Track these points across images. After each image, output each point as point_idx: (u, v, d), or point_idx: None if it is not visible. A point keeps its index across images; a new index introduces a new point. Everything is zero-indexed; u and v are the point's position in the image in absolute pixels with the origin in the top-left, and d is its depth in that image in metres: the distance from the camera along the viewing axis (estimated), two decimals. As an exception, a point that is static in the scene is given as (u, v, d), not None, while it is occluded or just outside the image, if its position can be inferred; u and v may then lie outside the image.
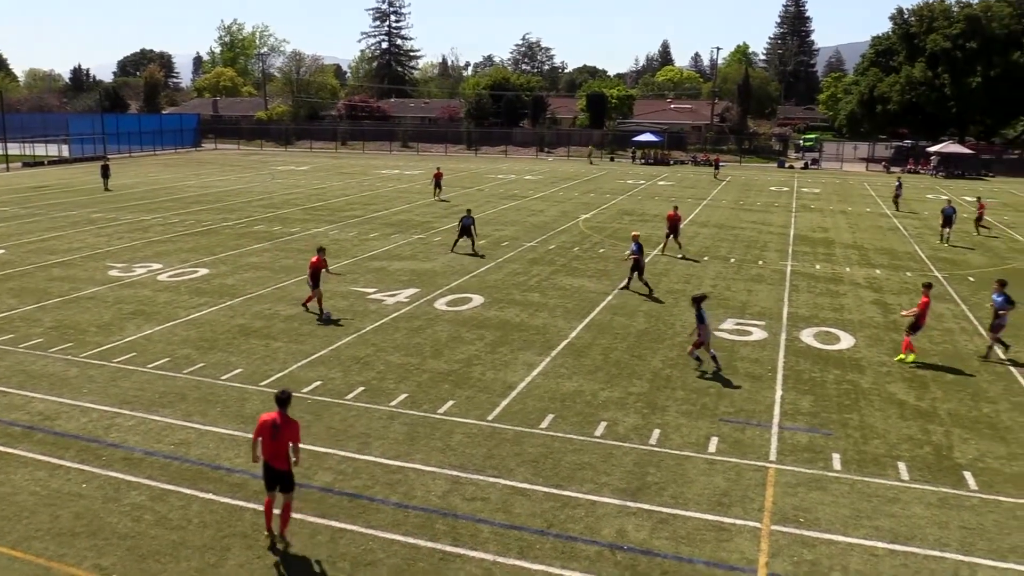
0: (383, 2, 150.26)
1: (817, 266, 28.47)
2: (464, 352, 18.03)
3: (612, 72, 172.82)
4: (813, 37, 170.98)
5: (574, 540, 10.55)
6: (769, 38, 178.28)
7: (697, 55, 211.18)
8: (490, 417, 14.43)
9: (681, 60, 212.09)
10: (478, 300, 22.71)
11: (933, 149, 73.55)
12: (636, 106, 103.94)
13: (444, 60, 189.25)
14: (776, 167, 77.81)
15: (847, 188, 57.67)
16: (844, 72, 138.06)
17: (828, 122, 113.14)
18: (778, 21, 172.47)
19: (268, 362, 17.16)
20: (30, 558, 9.97)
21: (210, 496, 11.49)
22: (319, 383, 15.97)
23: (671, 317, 21.27)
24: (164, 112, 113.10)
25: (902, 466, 12.83)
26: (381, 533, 10.59)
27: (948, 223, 33.67)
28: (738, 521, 11.07)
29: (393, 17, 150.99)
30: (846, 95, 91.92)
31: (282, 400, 10.28)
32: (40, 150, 72.55)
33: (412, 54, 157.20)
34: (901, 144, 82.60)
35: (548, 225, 36.69)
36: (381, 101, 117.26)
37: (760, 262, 28.99)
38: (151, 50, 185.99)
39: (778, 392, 16.00)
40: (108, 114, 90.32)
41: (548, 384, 16.12)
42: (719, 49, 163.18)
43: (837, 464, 12.85)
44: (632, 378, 16.59)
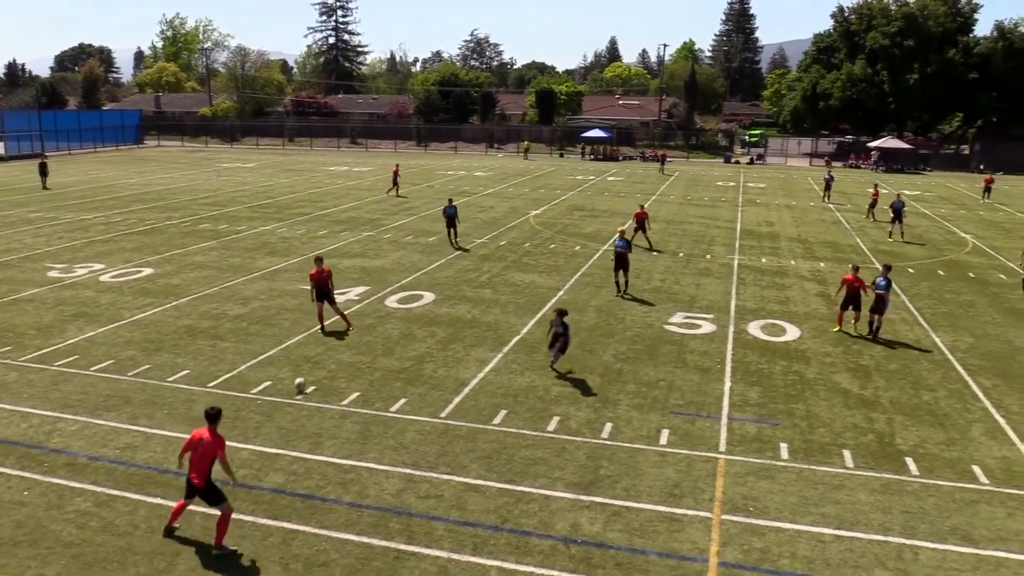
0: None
1: (763, 260, 28.99)
2: (416, 349, 17.96)
3: (561, 68, 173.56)
4: (757, 34, 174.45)
5: (528, 535, 10.60)
6: (715, 35, 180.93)
7: (645, 52, 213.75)
8: (443, 414, 14.41)
9: (629, 56, 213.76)
10: (429, 297, 22.63)
11: (873, 144, 75.40)
12: (585, 102, 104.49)
13: (392, 56, 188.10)
14: (723, 162, 78.97)
15: (791, 183, 58.80)
16: (788, 69, 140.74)
17: (773, 118, 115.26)
18: (723, 19, 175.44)
19: (216, 363, 16.88)
20: (-31, 569, 9.68)
21: (158, 501, 11.27)
22: (269, 383, 15.76)
23: (621, 312, 21.46)
24: (104, 108, 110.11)
25: (847, 454, 13.16)
26: (334, 533, 10.51)
27: (898, 217, 33.88)
28: (689, 512, 11.24)
29: (340, 12, 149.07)
30: (790, 91, 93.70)
31: (210, 416, 10.20)
32: (-27, 148, 70.18)
33: (360, 50, 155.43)
34: (843, 139, 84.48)
35: (499, 221, 36.71)
36: (329, 97, 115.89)
37: (708, 256, 29.41)
38: (90, 44, 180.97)
39: (727, 384, 16.26)
40: (45, 110, 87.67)
41: (500, 380, 16.15)
42: (666, 46, 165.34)
43: (785, 453, 13.12)
44: (584, 372, 16.71)
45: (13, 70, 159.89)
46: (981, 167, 72.18)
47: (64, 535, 10.40)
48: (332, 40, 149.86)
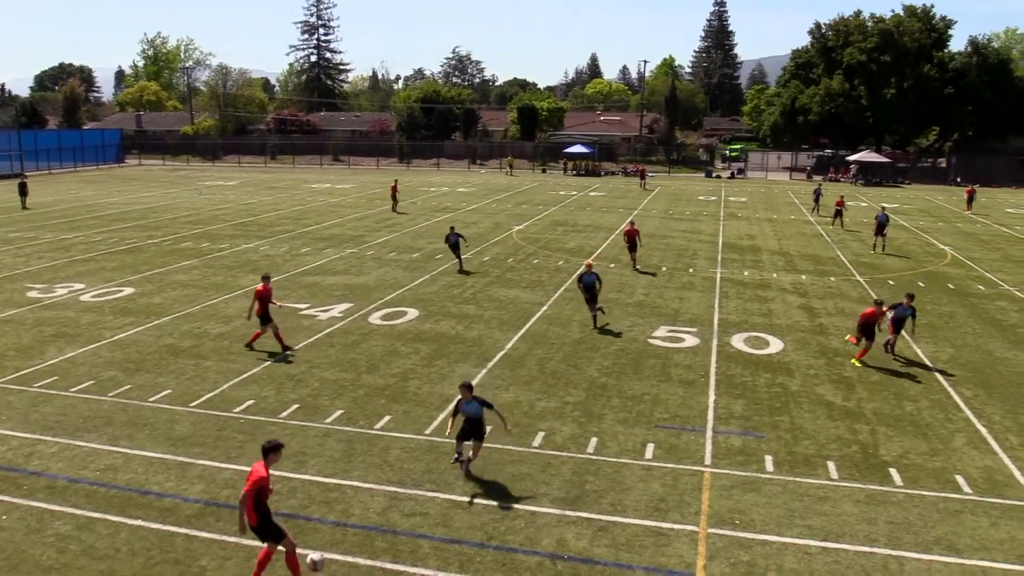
0: (312, 15, 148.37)
1: (745, 273, 29.14)
2: (400, 366, 17.89)
3: (542, 85, 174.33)
4: (736, 51, 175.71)
5: (514, 551, 10.54)
6: (694, 51, 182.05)
7: (625, 68, 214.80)
8: (427, 431, 14.35)
9: (610, 73, 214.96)
10: (413, 313, 22.58)
11: (852, 158, 76.17)
12: (567, 118, 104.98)
13: (374, 73, 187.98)
14: (704, 177, 79.47)
15: (772, 196, 59.26)
16: (766, 84, 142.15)
17: (752, 132, 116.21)
18: (703, 35, 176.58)
19: (198, 382, 16.73)
20: (-54, 595, 9.50)
21: (139, 523, 11.13)
22: (252, 402, 15.64)
23: (606, 326, 21.48)
24: (85, 127, 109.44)
25: (831, 465, 13.19)
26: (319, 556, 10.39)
27: (881, 230, 33.87)
28: (676, 526, 11.22)
29: (322, 30, 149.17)
30: (769, 106, 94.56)
31: (265, 450, 9.44)
32: (-48, 168, 69.47)
33: (342, 67, 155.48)
34: (822, 153, 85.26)
35: (482, 237, 36.74)
36: (311, 114, 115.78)
37: (691, 270, 29.53)
38: (70, 64, 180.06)
39: (711, 397, 16.30)
40: (25, 130, 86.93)
41: (485, 396, 16.07)
42: (646, 62, 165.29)
43: (770, 466, 13.15)
44: (568, 387, 16.70)
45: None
46: (958, 180, 73.03)
47: (44, 559, 10.24)
48: (314, 58, 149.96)
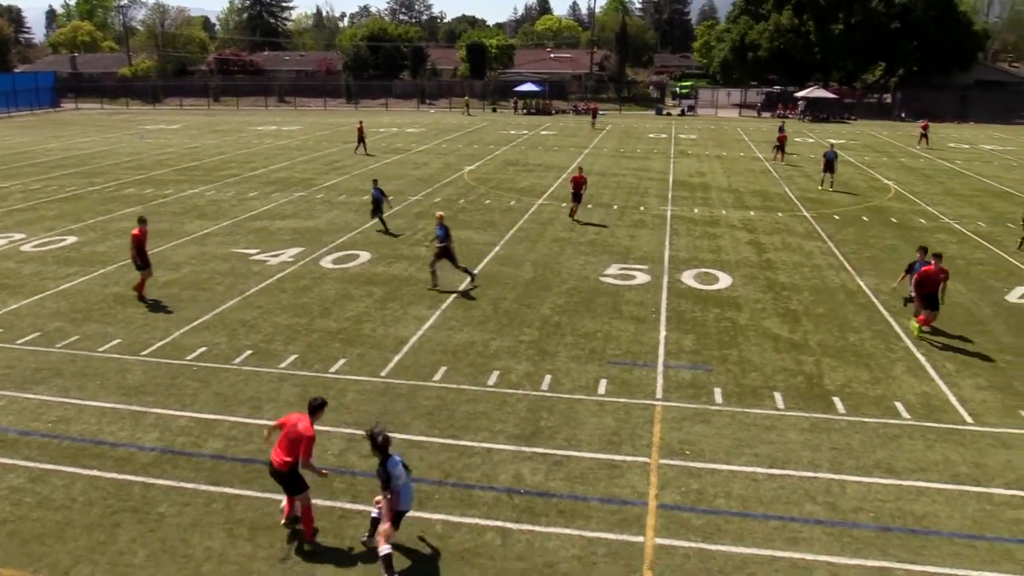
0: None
1: (696, 210, 29.45)
2: (353, 309, 17.85)
3: (491, 22, 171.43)
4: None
5: (471, 488, 10.76)
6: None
7: (575, 3, 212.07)
8: (383, 373, 14.42)
9: (560, 9, 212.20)
10: (365, 256, 22.45)
11: (800, 94, 76.75)
12: (517, 56, 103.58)
13: (318, 11, 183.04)
14: (654, 115, 79.49)
15: (722, 134, 59.58)
16: (717, 20, 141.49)
17: (703, 69, 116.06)
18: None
19: (148, 331, 16.52)
20: (-102, 550, 9.41)
21: (95, 473, 11.09)
22: (204, 349, 15.52)
23: (558, 265, 21.63)
24: (16, 71, 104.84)
25: (778, 396, 13.63)
26: (278, 496, 10.46)
27: (830, 168, 33.67)
28: (628, 458, 11.54)
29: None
30: (719, 43, 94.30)
31: (313, 407, 9.53)
32: None
33: (285, 5, 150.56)
34: (771, 90, 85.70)
35: (433, 178, 36.42)
36: (254, 55, 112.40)
37: (641, 208, 29.74)
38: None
39: (662, 333, 16.61)
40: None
41: (439, 337, 16.19)
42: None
43: (719, 398, 13.53)
44: (522, 327, 16.86)
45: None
46: (903, 115, 74.23)
47: (-3, 511, 10.17)
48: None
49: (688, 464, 11.41)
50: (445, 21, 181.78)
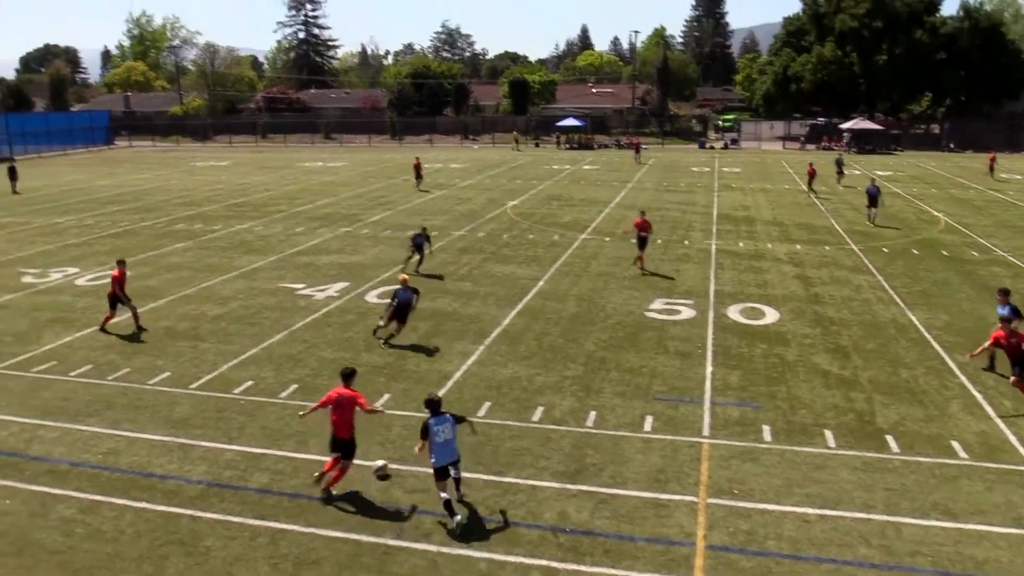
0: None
1: (740, 244, 29.18)
2: (397, 344, 17.91)
3: (533, 58, 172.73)
4: (728, 19, 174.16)
5: (516, 525, 10.64)
6: (685, 21, 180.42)
7: (616, 39, 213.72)
8: (427, 408, 14.39)
9: (601, 44, 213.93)
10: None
11: (845, 126, 75.98)
12: (558, 91, 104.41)
13: (364, 49, 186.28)
14: (697, 148, 79.29)
15: (766, 166, 59.17)
16: (758, 53, 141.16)
17: (745, 102, 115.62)
18: (693, 4, 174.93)
19: (197, 364, 16.76)
20: (-46, 581, 9.58)
21: (143, 505, 11.20)
22: (251, 383, 15.69)
23: (602, 300, 21.54)
24: (73, 110, 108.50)
25: (828, 434, 13.31)
26: (323, 531, 10.50)
27: (873, 203, 33.10)
28: (675, 496, 11.33)
29: (309, 6, 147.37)
30: (761, 75, 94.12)
31: (346, 375, 11.62)
32: (-61, 154, 68.86)
33: (331, 43, 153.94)
34: (815, 122, 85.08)
35: (477, 213, 36.67)
36: (301, 92, 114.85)
37: (686, 242, 29.56)
38: (55, 45, 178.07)
39: (708, 368, 16.39)
40: (12, 113, 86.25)
41: (484, 372, 16.17)
42: (637, 33, 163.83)
43: (768, 435, 13.26)
44: (567, 362, 16.77)
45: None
46: (951, 146, 73.03)
47: (49, 543, 10.31)
48: (302, 35, 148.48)
49: (737, 504, 11.16)
50: (488, 58, 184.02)
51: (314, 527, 10.57)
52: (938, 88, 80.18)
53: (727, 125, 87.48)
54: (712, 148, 78.90)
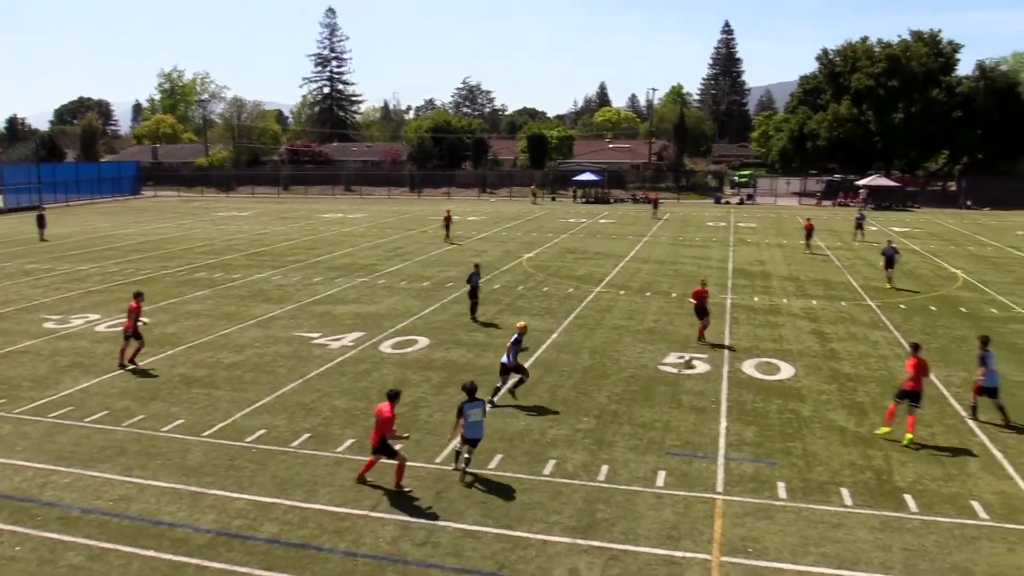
0: (325, 48, 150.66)
1: (756, 298, 29.10)
2: (411, 395, 17.92)
3: (552, 113, 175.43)
4: (744, 77, 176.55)
5: (526, 580, 10.49)
6: (702, 79, 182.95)
7: (634, 96, 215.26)
8: (438, 460, 14.35)
9: (618, 101, 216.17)
10: (424, 342, 22.64)
11: (861, 183, 76.12)
12: (576, 146, 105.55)
13: (386, 104, 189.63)
14: (713, 203, 79.54)
15: (782, 222, 59.23)
16: (775, 110, 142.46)
17: (761, 159, 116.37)
18: (710, 62, 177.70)
19: (211, 411, 16.82)
20: (-40, 626, 9.54)
21: (151, 553, 11.16)
22: (263, 431, 15.70)
23: (615, 353, 21.48)
24: (102, 160, 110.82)
25: (845, 492, 13.11)
26: (330, 583, 10.41)
27: (890, 264, 32.48)
28: (688, 554, 11.16)
29: (335, 63, 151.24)
30: (777, 132, 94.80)
31: (391, 396, 13.20)
32: (-28, 202, 70.35)
33: (354, 98, 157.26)
34: (831, 179, 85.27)
35: (492, 265, 36.86)
36: (324, 145, 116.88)
37: (701, 296, 29.46)
38: (89, 98, 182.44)
39: (723, 423, 16.24)
40: (44, 163, 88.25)
41: (496, 424, 16.10)
42: (655, 90, 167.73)
43: (783, 493, 13.07)
44: (579, 415, 16.68)
45: (14, 124, 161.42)
46: (968, 203, 72.89)
47: (56, 590, 10.27)
48: (327, 90, 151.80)
49: (751, 562, 10.97)
50: (507, 113, 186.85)
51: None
52: (954, 146, 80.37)
53: (743, 180, 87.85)
54: (728, 203, 79.15)
